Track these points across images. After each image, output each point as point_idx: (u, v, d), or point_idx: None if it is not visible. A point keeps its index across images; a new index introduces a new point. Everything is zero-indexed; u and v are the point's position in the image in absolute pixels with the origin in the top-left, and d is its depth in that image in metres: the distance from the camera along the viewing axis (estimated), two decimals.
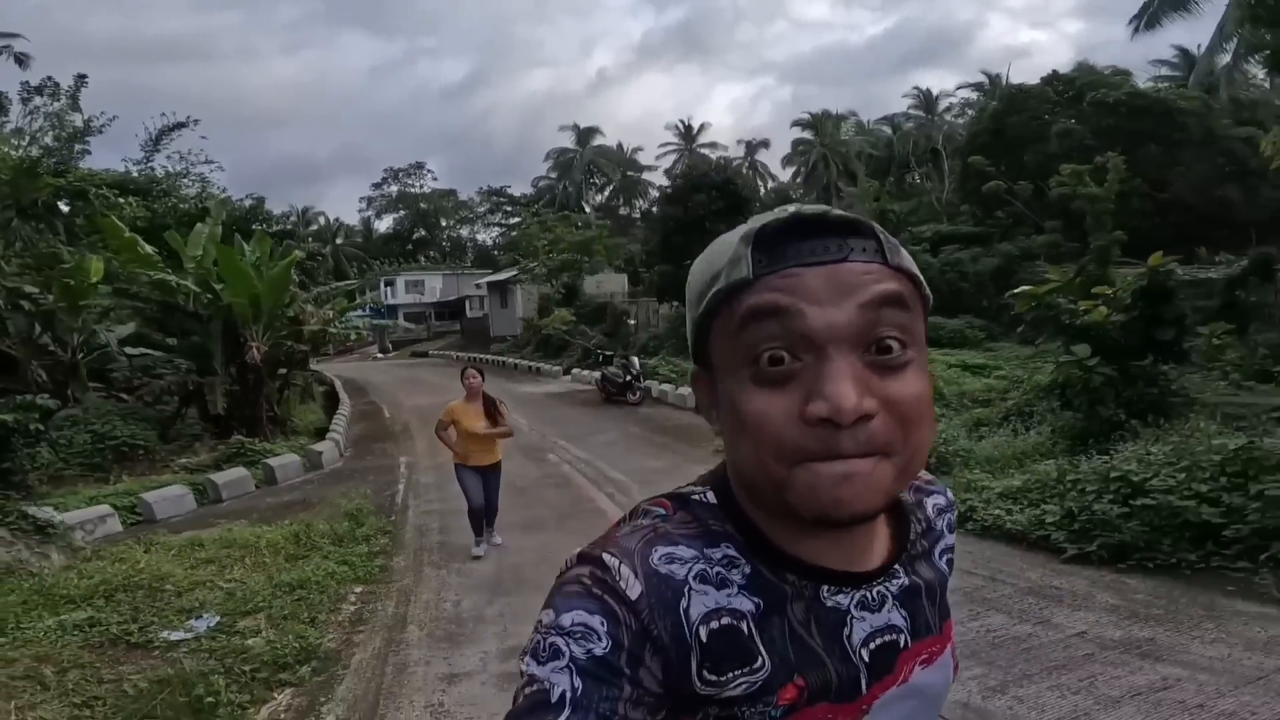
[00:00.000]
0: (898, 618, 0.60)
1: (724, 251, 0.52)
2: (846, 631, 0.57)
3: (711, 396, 0.55)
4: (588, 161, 50.45)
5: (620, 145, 53.70)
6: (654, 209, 23.23)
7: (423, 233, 55.22)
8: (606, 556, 0.53)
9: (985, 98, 41.95)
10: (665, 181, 51.34)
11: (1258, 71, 14.69)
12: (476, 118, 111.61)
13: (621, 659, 0.50)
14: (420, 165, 55.46)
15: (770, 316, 0.49)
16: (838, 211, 0.51)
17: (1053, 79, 27.62)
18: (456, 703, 3.03)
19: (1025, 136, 25.25)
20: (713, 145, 55.39)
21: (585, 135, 51.22)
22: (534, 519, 5.98)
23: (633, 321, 22.98)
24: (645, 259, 23.47)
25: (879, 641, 0.59)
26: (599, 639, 0.50)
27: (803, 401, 0.48)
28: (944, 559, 0.69)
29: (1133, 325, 5.96)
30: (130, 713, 2.78)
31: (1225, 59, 10.99)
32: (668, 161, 53.16)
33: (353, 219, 58.31)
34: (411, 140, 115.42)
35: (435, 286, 46.23)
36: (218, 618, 3.72)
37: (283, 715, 2.90)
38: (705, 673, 0.52)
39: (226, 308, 11.04)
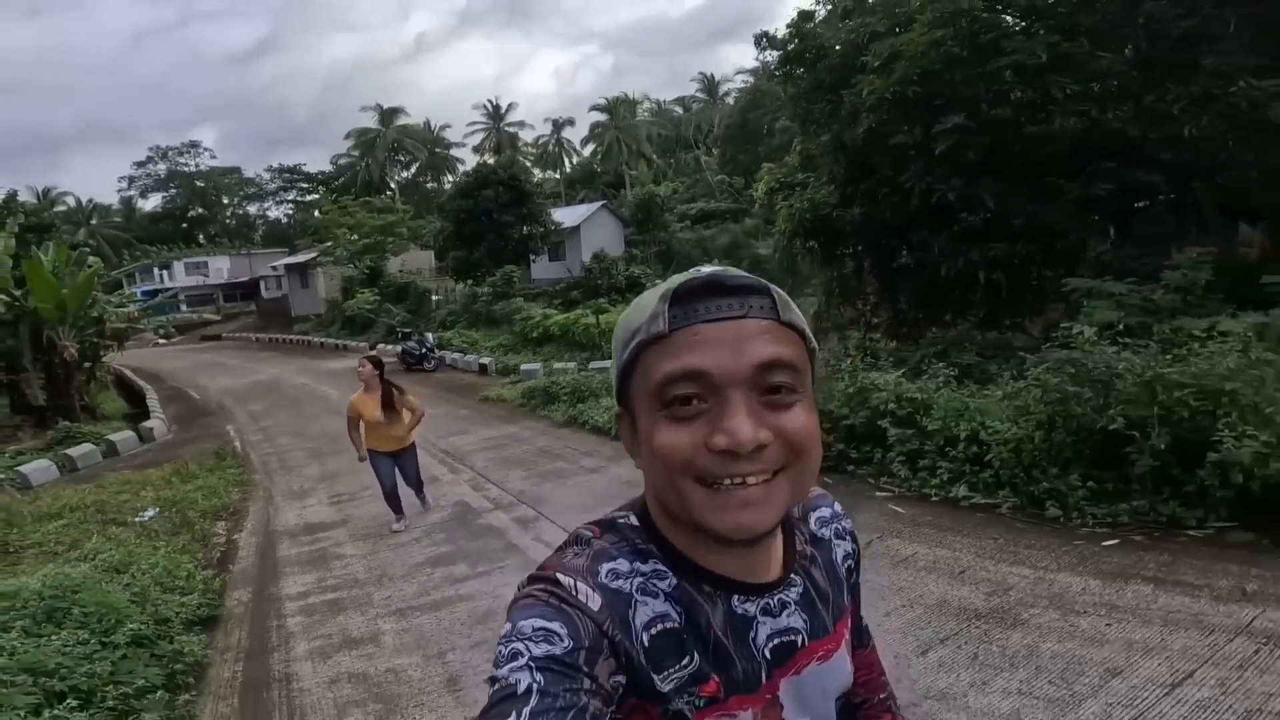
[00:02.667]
0: (798, 620, 0.69)
1: (645, 308, 0.61)
2: (752, 635, 0.66)
3: (632, 434, 0.63)
4: (391, 141, 49.93)
5: (428, 123, 53.72)
6: (445, 205, 25.69)
7: (201, 211, 50.96)
8: (560, 576, 0.60)
9: (758, 82, 47.96)
10: (474, 157, 52.67)
11: None
12: (268, 85, 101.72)
13: (580, 658, 0.55)
14: (195, 144, 50.98)
15: (683, 375, 0.57)
16: (739, 275, 0.60)
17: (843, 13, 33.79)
18: (310, 515, 6.23)
19: (759, 131, 30.87)
20: (520, 124, 57.56)
21: (389, 115, 50.57)
22: (343, 465, 9.07)
23: (436, 298, 25.41)
24: (443, 245, 25.92)
25: (778, 641, 0.67)
26: (560, 640, 0.55)
27: (708, 434, 0.56)
28: (844, 564, 0.79)
29: None
30: (142, 535, 5.63)
31: None
32: (476, 139, 54.42)
33: (108, 198, 51.90)
34: (187, 109, 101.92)
35: (222, 268, 43.68)
36: (157, 509, 6.45)
37: (224, 529, 5.92)
38: (653, 672, 0.60)
39: (33, 311, 12.17)
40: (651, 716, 0.61)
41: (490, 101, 54.18)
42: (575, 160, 56.74)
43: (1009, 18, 7.51)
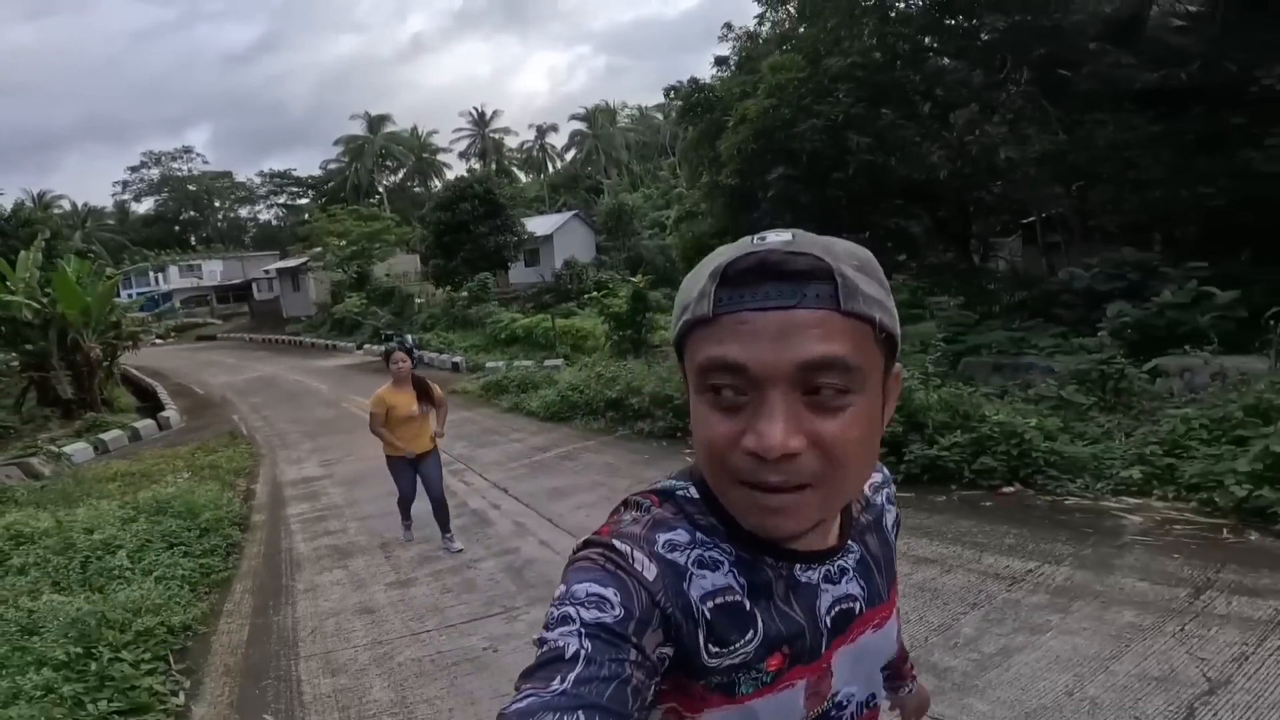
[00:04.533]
0: (855, 588, 0.68)
1: (698, 280, 0.57)
2: (816, 602, 0.65)
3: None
4: (379, 148, 51.80)
5: (415, 129, 55.63)
6: (426, 216, 27.75)
7: (193, 214, 52.73)
8: (617, 542, 0.60)
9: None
10: (461, 163, 54.53)
11: None
12: (265, 84, 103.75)
13: (630, 628, 0.54)
14: (188, 149, 52.80)
15: (722, 365, 0.54)
16: (801, 253, 0.53)
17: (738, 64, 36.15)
18: (306, 472, 8.34)
19: (714, 136, 33.24)
20: (505, 130, 59.64)
21: (377, 122, 52.46)
22: (332, 442, 11.19)
23: (420, 301, 27.46)
24: (425, 252, 27.97)
25: (839, 609, 0.67)
26: (612, 608, 0.55)
27: (742, 431, 0.54)
28: (893, 531, 0.78)
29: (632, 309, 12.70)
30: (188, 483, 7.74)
31: None
32: (462, 145, 56.47)
33: (102, 200, 53.63)
34: (181, 109, 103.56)
35: (215, 270, 45.56)
36: (189, 473, 8.55)
37: (244, 481, 8.04)
38: (711, 645, 0.58)
39: (61, 316, 14.22)
40: (691, 691, 0.60)
41: (476, 108, 56.42)
42: (559, 165, 58.78)
43: (828, 82, 9.79)
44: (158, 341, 37.43)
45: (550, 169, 58.99)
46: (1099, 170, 9.98)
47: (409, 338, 19.58)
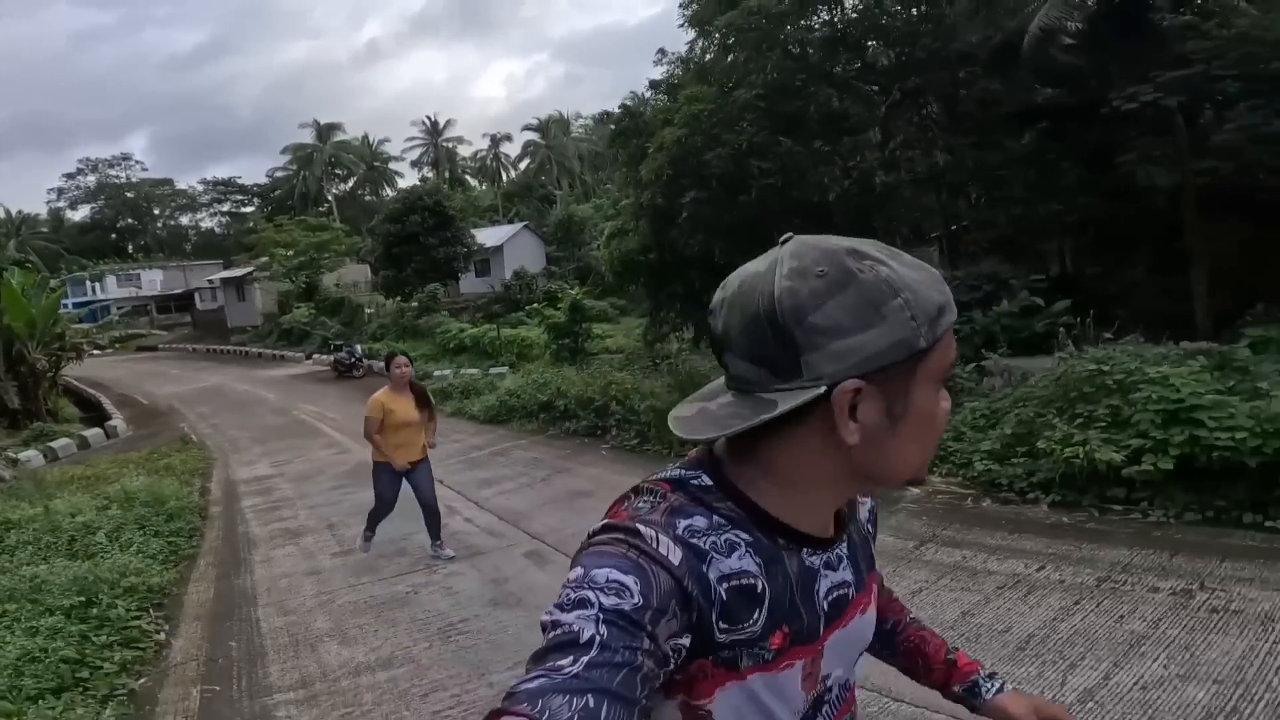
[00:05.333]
0: (849, 574, 0.74)
1: (939, 286, 0.63)
2: (817, 587, 0.70)
3: (882, 406, 0.62)
4: (329, 157, 51.51)
5: (366, 138, 55.37)
6: (375, 228, 28.19)
7: (131, 221, 51.46)
8: (641, 527, 0.62)
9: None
10: (414, 172, 54.50)
11: None
12: (211, 90, 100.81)
13: (646, 616, 0.56)
14: (126, 156, 51.61)
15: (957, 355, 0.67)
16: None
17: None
18: (258, 472, 9.10)
19: (639, 160, 34.45)
20: (459, 139, 59.88)
21: (326, 131, 52.18)
22: (283, 445, 11.88)
23: (370, 311, 27.88)
24: (375, 264, 28.40)
25: (836, 595, 0.71)
26: (631, 596, 0.56)
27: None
28: (869, 521, 0.84)
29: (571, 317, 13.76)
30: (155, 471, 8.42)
31: None
32: (415, 154, 56.57)
33: (36, 208, 51.93)
34: (123, 113, 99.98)
35: (155, 279, 44.64)
36: (146, 475, 9.18)
37: (199, 480, 8.74)
38: (721, 623, 0.62)
39: (7, 328, 14.46)
40: (700, 675, 0.64)
41: (429, 118, 56.59)
42: (513, 174, 59.36)
43: (736, 112, 11.10)
44: (96, 352, 36.63)
45: (504, 178, 59.52)
46: (969, 190, 11.52)
47: (359, 347, 20.19)
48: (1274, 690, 2.68)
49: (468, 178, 60.59)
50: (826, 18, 12.70)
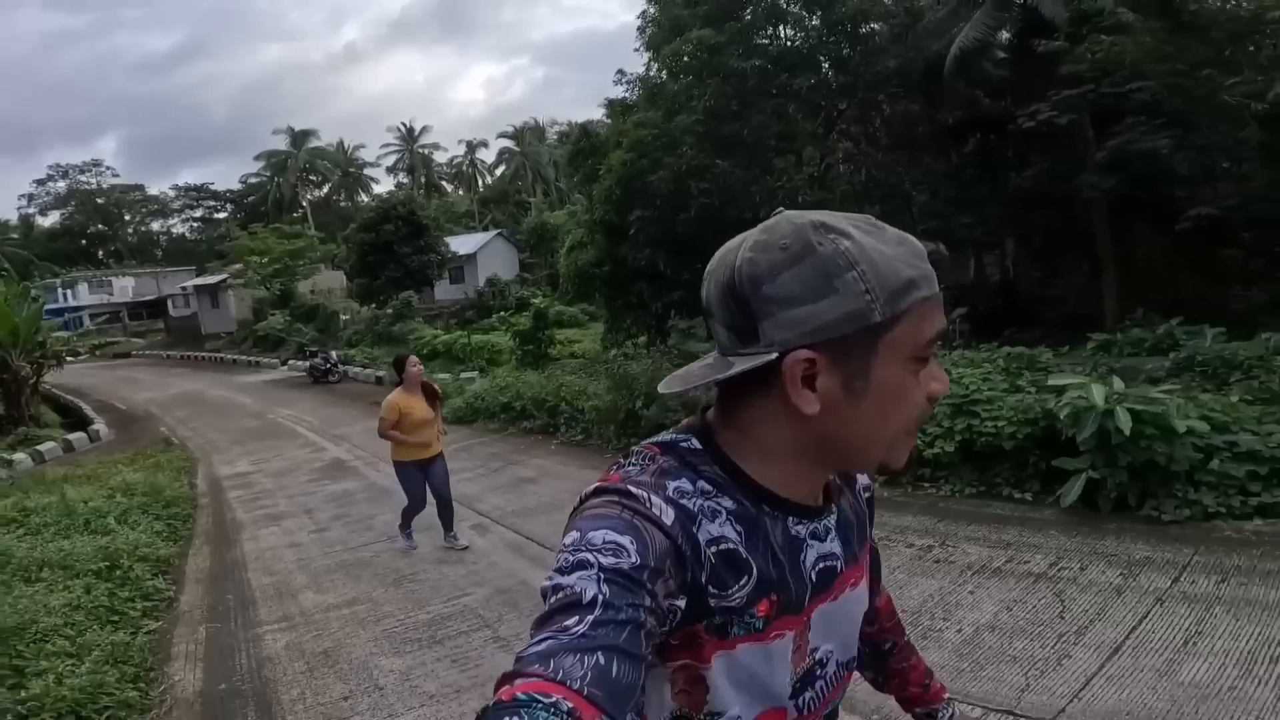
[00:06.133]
0: (837, 546, 0.74)
1: (913, 260, 0.62)
2: (803, 556, 0.70)
3: (839, 378, 0.62)
4: (303, 163, 51.73)
5: (341, 144, 55.60)
6: (349, 237, 28.87)
7: (101, 227, 51.31)
8: (633, 488, 0.63)
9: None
10: (389, 178, 54.80)
11: None
12: (183, 94, 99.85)
13: (645, 575, 0.56)
14: (97, 163, 51.44)
15: (942, 333, 0.65)
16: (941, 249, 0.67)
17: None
18: (239, 468, 9.99)
19: (594, 179, 35.69)
20: (434, 146, 60.35)
21: (300, 137, 52.30)
22: (260, 446, 12.75)
23: (345, 317, 28.56)
24: (349, 271, 29.10)
25: (823, 566, 0.71)
26: (628, 555, 0.57)
27: (924, 385, 0.65)
28: (864, 496, 0.84)
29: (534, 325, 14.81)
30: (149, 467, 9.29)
31: None
32: (390, 160, 57.00)
33: (6, 214, 51.53)
34: (93, 118, 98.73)
35: (127, 286, 44.69)
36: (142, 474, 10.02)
37: (186, 476, 9.62)
38: (711, 587, 0.62)
39: None
40: (697, 641, 0.64)
41: (404, 124, 57.02)
42: (489, 180, 60.02)
43: (677, 135, 12.27)
44: (70, 359, 36.75)
45: (481, 184, 60.16)
46: (887, 205, 12.81)
47: (333, 353, 21.01)
48: (947, 620, 3.49)
49: (444, 183, 61.17)
50: (764, 43, 13.91)
